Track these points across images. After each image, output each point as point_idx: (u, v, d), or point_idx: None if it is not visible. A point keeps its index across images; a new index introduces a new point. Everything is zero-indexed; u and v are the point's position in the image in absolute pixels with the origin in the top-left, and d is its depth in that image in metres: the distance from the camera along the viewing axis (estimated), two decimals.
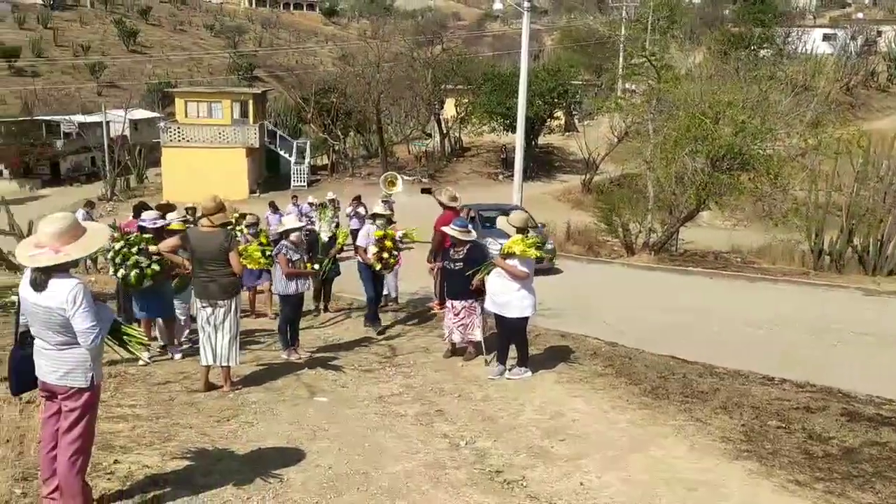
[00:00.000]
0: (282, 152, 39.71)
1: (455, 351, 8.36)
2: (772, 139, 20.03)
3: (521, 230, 7.57)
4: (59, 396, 4.18)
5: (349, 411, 6.57)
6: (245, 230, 11.03)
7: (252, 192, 35.13)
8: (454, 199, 10.03)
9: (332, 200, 18.31)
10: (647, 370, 7.85)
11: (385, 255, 9.48)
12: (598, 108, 34.28)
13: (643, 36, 37.26)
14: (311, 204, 19.34)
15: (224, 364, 6.96)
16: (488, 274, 7.69)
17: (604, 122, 35.39)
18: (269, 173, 39.45)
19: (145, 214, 8.49)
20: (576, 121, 43.53)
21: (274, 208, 18.09)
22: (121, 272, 7.69)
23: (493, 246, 8.66)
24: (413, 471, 5.23)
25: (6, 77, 67.83)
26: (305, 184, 37.15)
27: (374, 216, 10.08)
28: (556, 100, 37.67)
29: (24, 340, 4.33)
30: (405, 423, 6.29)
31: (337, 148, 41.53)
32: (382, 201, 11.85)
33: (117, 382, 7.13)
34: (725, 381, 7.70)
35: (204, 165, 34.51)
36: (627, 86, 38.11)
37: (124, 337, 4.47)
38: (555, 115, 39.43)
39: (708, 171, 19.43)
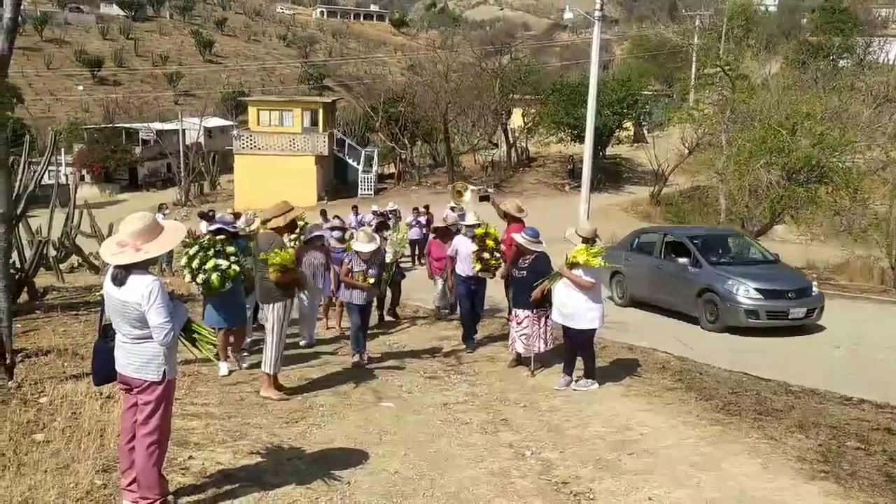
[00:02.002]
0: (350, 160, 40.35)
1: (520, 360, 8.30)
2: (851, 151, 19.35)
3: (587, 240, 7.48)
4: (135, 389, 4.33)
5: (414, 417, 6.59)
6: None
7: (320, 199, 35.76)
8: (521, 210, 9.97)
9: (393, 211, 18.22)
10: (718, 386, 7.65)
11: (486, 255, 8.79)
12: (669, 119, 33.68)
13: (717, 45, 36.49)
14: (374, 213, 19.36)
15: (262, 369, 7.03)
16: (554, 284, 7.59)
17: (674, 132, 34.77)
18: (336, 181, 40.11)
19: (242, 219, 8.70)
20: (645, 131, 42.92)
21: (324, 217, 17.95)
22: (200, 277, 7.50)
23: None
24: (478, 478, 5.20)
25: (90, 86, 70.85)
26: (372, 192, 37.64)
27: (467, 227, 9.54)
28: (625, 110, 37.27)
29: (107, 334, 4.51)
30: (470, 430, 6.27)
31: (404, 157, 41.95)
32: (451, 208, 11.78)
33: (191, 381, 7.33)
34: (801, 399, 7.44)
35: (274, 172, 35.34)
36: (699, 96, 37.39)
37: (195, 335, 4.56)
38: (624, 125, 38.96)
39: (784, 184, 18.89)
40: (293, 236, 9.53)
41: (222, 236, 7.85)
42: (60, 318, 9.95)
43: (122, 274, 4.21)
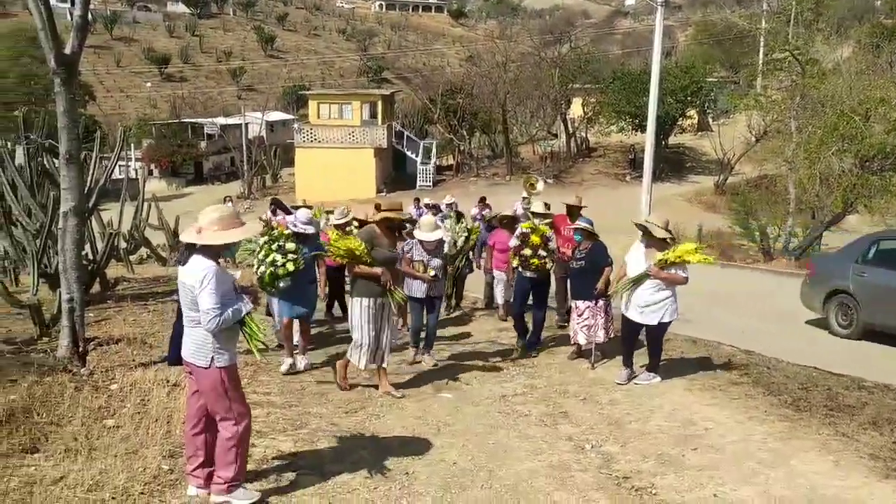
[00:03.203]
0: (408, 152, 40.53)
1: (580, 353, 8.19)
2: None
3: (672, 237, 7.27)
4: (192, 373, 4.43)
5: (472, 409, 6.57)
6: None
7: (379, 191, 36.02)
8: (578, 199, 9.84)
9: (450, 205, 18.07)
10: (787, 381, 7.40)
11: (527, 251, 8.08)
12: (735, 106, 32.73)
13: (786, 29, 35.24)
14: (427, 205, 19.29)
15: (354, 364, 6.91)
16: (637, 286, 7.08)
17: (741, 120, 33.81)
18: (395, 173, 40.35)
19: (301, 214, 7.98)
20: (709, 119, 41.84)
21: (417, 204, 17.87)
22: (260, 269, 7.35)
23: None
24: (537, 471, 5.15)
25: (158, 83, 72.91)
26: (431, 184, 37.74)
27: (535, 215, 8.87)
28: (688, 98, 36.44)
29: (180, 316, 4.62)
30: (528, 422, 6.21)
31: (462, 148, 41.91)
32: (524, 207, 11.38)
33: (252, 371, 7.45)
34: (875, 395, 7.14)
35: (334, 165, 35.80)
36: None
37: (247, 330, 4.49)
38: (687, 113, 38.09)
39: (856, 172, 18.19)
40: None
41: (289, 231, 7.64)
42: (130, 308, 10.26)
43: (186, 255, 4.32)
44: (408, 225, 7.74)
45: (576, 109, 41.57)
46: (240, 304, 4.37)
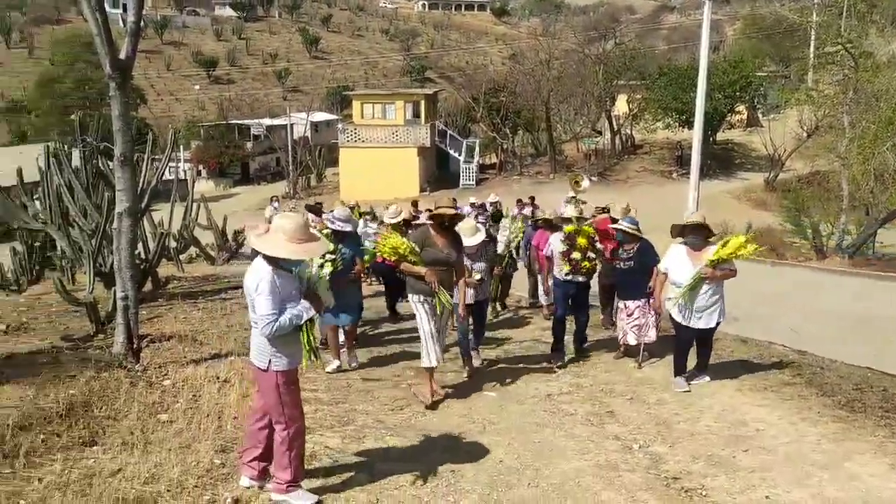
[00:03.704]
0: (451, 151, 40.57)
1: (627, 352, 8.12)
2: None
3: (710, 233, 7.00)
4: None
5: (517, 407, 6.56)
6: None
7: (422, 190, 36.12)
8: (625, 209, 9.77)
9: (494, 203, 18.01)
10: (841, 381, 7.22)
11: (576, 254, 7.82)
12: (786, 101, 32.02)
13: (838, 22, 34.34)
14: (472, 205, 19.26)
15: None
16: (694, 292, 6.76)
17: (791, 115, 33.08)
18: (438, 172, 40.43)
19: (338, 211, 7.96)
20: (759, 115, 41.01)
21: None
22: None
23: None
24: (584, 470, 5.12)
25: (206, 85, 74.30)
26: (474, 182, 37.73)
27: (563, 220, 8.47)
28: (737, 93, 35.75)
29: None
30: (574, 421, 6.18)
31: (505, 147, 41.79)
32: (566, 202, 11.17)
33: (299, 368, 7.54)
34: None
35: (378, 164, 36.03)
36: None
37: (302, 335, 4.42)
38: (736, 109, 37.38)
39: None
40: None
41: (328, 230, 7.53)
42: (181, 306, 10.50)
43: (252, 258, 4.35)
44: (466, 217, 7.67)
45: (621, 106, 41.10)
46: (300, 310, 4.31)
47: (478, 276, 7.50)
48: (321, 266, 7.04)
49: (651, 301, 7.71)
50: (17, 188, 11.75)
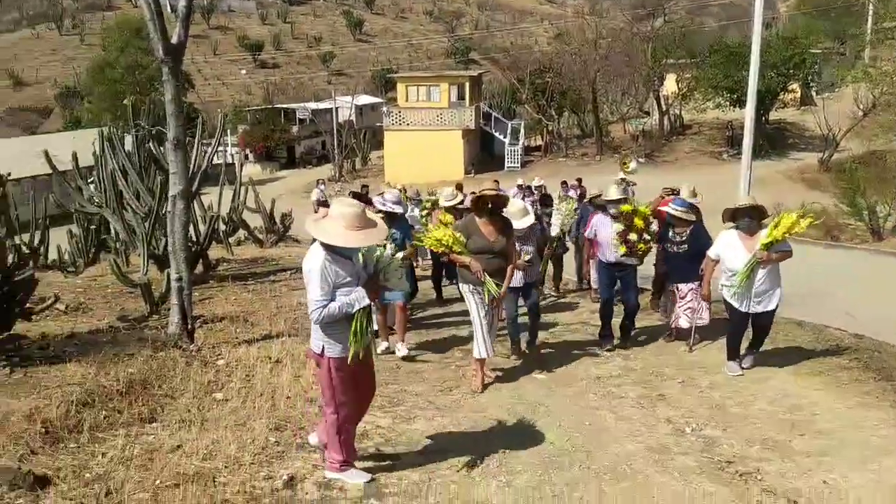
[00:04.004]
0: (496, 133, 40.33)
1: (678, 335, 8.01)
2: None
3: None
4: None
5: (568, 389, 6.53)
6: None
7: (467, 172, 36.06)
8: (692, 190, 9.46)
9: (539, 187, 17.80)
10: None
11: (632, 235, 7.51)
12: (842, 79, 31.05)
13: None
14: (519, 187, 19.10)
15: None
16: (752, 278, 6.54)
17: (847, 93, 32.08)
18: (483, 154, 40.26)
19: (388, 193, 7.83)
20: (813, 93, 39.83)
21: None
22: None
23: None
24: (636, 453, 5.08)
25: (252, 69, 75.10)
26: (519, 165, 37.51)
27: (608, 202, 7.93)
28: (791, 71, 34.73)
29: None
30: (626, 404, 6.13)
31: (551, 128, 41.39)
32: (615, 185, 10.85)
33: None
34: None
35: (423, 147, 36.00)
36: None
37: (354, 324, 4.28)
38: (789, 87, 36.36)
39: None
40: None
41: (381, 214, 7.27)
42: (231, 288, 10.70)
43: (312, 243, 4.34)
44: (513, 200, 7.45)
45: (669, 86, 40.33)
46: (353, 299, 4.22)
47: (527, 258, 7.25)
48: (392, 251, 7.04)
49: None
50: (73, 172, 12.05)
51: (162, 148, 10.68)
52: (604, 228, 7.76)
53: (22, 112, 62.12)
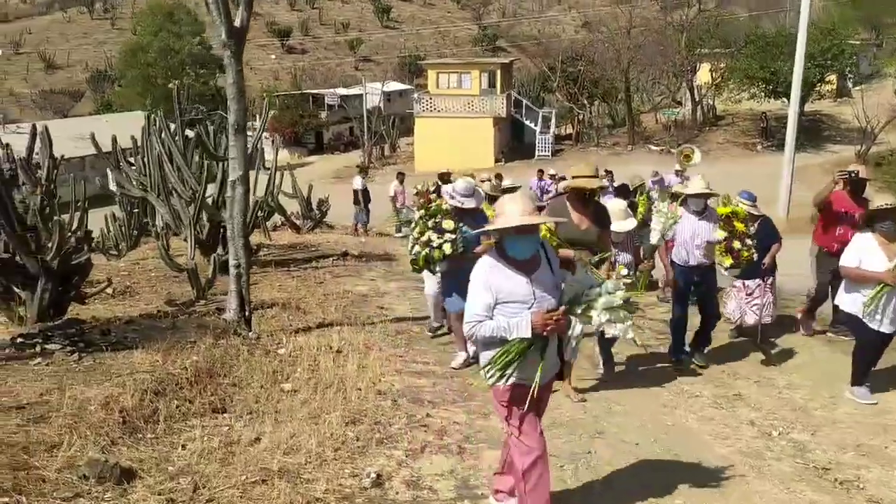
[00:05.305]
0: (527, 122, 39.95)
1: (742, 332, 7.77)
2: None
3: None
4: None
5: (641, 389, 6.32)
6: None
7: (497, 160, 35.76)
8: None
9: (564, 178, 17.41)
10: None
11: (736, 243, 6.39)
12: (880, 70, 30.36)
13: None
14: (552, 176, 18.77)
15: None
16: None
17: (886, 85, 31.39)
18: (514, 142, 39.92)
19: (459, 185, 6.64)
20: (850, 84, 39.02)
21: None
22: (414, 249, 6.45)
23: None
24: (728, 457, 4.87)
25: (280, 55, 75.07)
26: (549, 153, 37.13)
27: (691, 197, 6.64)
28: (828, 62, 34.00)
29: None
30: (702, 404, 5.93)
31: (582, 117, 40.94)
32: (678, 176, 10.15)
33: (407, 339, 7.48)
34: None
35: (453, 135, 35.70)
36: None
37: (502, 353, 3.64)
38: (826, 78, 35.62)
39: None
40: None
41: (448, 206, 6.54)
42: (275, 274, 10.58)
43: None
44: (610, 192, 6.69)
45: (702, 76, 39.68)
46: (513, 324, 3.55)
47: (624, 273, 5.47)
48: (439, 245, 6.26)
49: (770, 277, 7.36)
50: (113, 155, 11.96)
51: (203, 132, 10.58)
52: (687, 227, 6.62)
53: (53, 95, 62.50)
